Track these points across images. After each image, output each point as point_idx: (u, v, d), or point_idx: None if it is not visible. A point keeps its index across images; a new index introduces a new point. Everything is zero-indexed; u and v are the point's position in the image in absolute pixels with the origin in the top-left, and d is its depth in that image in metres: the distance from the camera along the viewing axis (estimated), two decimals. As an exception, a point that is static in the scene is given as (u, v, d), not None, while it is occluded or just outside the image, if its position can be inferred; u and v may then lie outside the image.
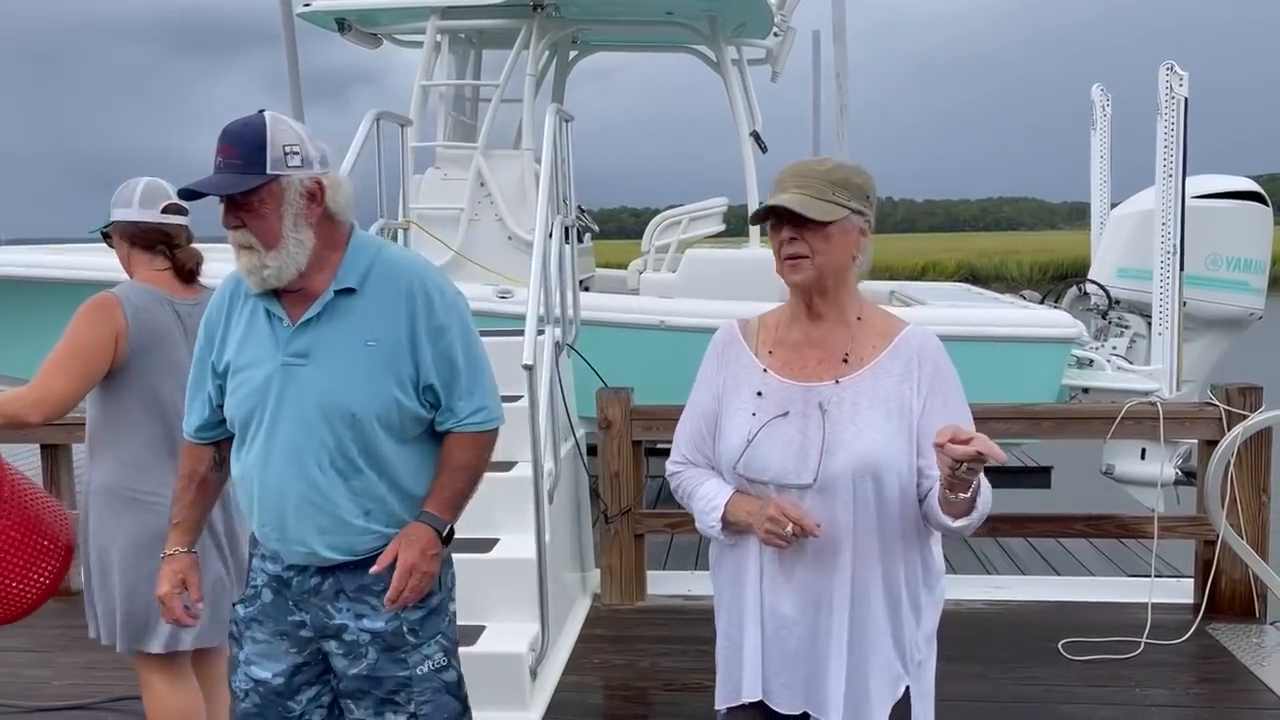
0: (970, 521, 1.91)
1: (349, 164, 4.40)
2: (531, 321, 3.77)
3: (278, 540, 2.18)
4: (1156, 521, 4.57)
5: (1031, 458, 7.66)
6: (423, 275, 2.17)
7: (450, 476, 2.24)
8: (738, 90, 6.80)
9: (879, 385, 1.97)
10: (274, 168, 2.04)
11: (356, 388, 2.10)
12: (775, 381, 2.03)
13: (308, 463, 2.11)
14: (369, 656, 2.20)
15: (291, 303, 2.14)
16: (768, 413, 2.01)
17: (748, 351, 2.09)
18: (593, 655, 4.25)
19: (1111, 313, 6.78)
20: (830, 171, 1.98)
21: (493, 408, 2.25)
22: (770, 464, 1.98)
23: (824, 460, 1.94)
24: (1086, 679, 3.94)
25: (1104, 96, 7.47)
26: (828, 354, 2.01)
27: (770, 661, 2.06)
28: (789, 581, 2.02)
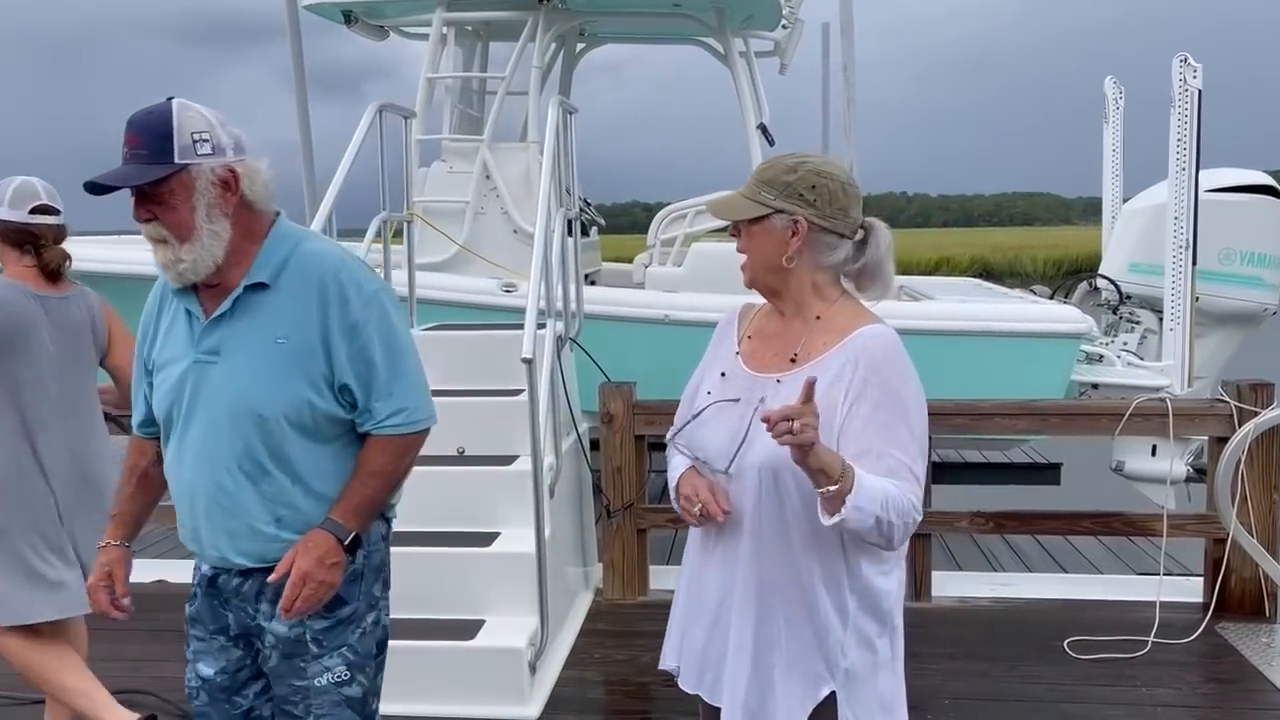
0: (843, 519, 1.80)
1: (350, 156, 4.37)
2: (531, 315, 3.75)
3: (193, 542, 2.15)
4: (1165, 519, 4.51)
5: (1041, 454, 7.61)
6: (337, 269, 2.06)
7: (362, 481, 2.11)
8: (745, 83, 6.76)
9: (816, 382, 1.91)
10: (182, 156, 1.96)
11: (263, 387, 2.02)
12: (739, 368, 2.06)
13: (216, 465, 2.05)
14: (272, 660, 2.15)
15: (208, 298, 2.08)
16: (720, 395, 2.04)
17: (734, 334, 2.14)
18: (594, 650, 4.23)
19: (1122, 308, 6.72)
20: (764, 170, 2.00)
21: (415, 409, 2.12)
22: (702, 444, 2.03)
23: (741, 450, 1.96)
24: (1092, 678, 3.89)
25: (1117, 90, 7.39)
26: (783, 349, 2.02)
27: (689, 637, 2.11)
28: (711, 568, 2.06)
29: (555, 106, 4.48)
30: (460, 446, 4.45)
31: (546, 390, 4.05)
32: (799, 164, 1.97)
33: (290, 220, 2.17)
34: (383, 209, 4.86)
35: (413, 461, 2.18)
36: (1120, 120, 7.41)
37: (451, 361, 4.77)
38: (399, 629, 3.84)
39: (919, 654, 4.12)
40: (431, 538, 4.14)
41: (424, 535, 4.17)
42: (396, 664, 3.69)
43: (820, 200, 1.95)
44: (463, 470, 4.30)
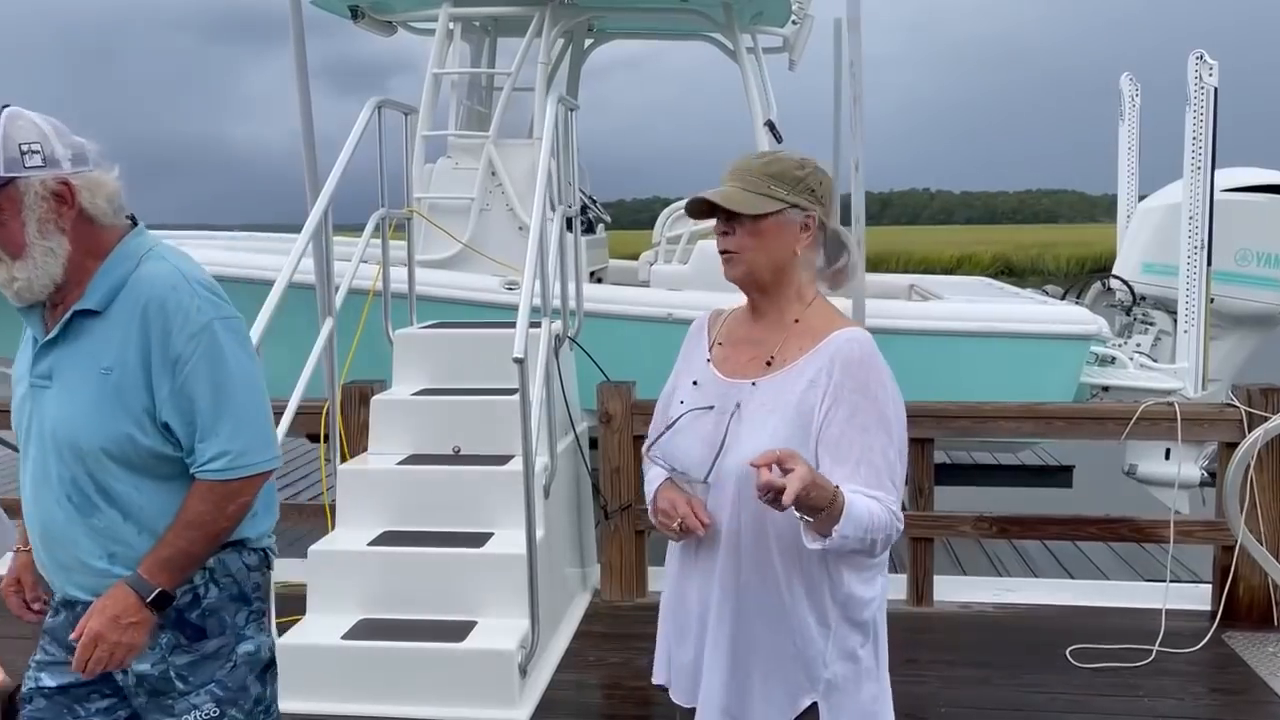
0: (832, 545, 1.78)
1: (347, 152, 4.34)
2: (524, 314, 3.70)
3: (41, 568, 2.07)
4: (1173, 525, 4.43)
5: (1053, 457, 7.51)
6: (165, 296, 1.91)
7: (176, 532, 1.94)
8: (753, 79, 6.69)
9: (788, 389, 1.91)
10: (8, 169, 1.86)
11: (85, 418, 1.90)
12: (711, 375, 2.03)
13: (47, 494, 1.96)
14: (139, 699, 2.04)
15: (51, 318, 1.98)
16: (695, 404, 2.00)
17: (704, 342, 2.10)
18: (589, 652, 4.19)
19: (1136, 309, 6.62)
20: (768, 164, 1.94)
21: (242, 453, 1.94)
22: (679, 455, 1.99)
23: (719, 459, 1.92)
24: (1094, 687, 3.82)
25: (1133, 86, 7.27)
26: (758, 354, 1.99)
27: (677, 653, 2.08)
28: (690, 580, 2.02)
29: (554, 103, 4.43)
30: (456, 445, 4.42)
31: (540, 390, 4.01)
32: (804, 160, 1.96)
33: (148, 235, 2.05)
34: (381, 205, 4.83)
35: (241, 510, 1.98)
36: (1136, 117, 7.30)
37: (448, 359, 4.74)
38: (390, 629, 3.85)
39: (917, 660, 4.08)
40: (424, 537, 4.11)
41: (417, 535, 4.15)
42: (386, 665, 3.70)
43: (825, 197, 1.96)
44: (457, 469, 4.27)
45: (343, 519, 4.27)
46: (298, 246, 4.02)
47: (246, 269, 6.19)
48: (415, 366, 4.75)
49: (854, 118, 5.30)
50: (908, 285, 7.96)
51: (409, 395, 4.61)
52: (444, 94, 6.83)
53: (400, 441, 4.48)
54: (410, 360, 4.76)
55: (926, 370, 5.77)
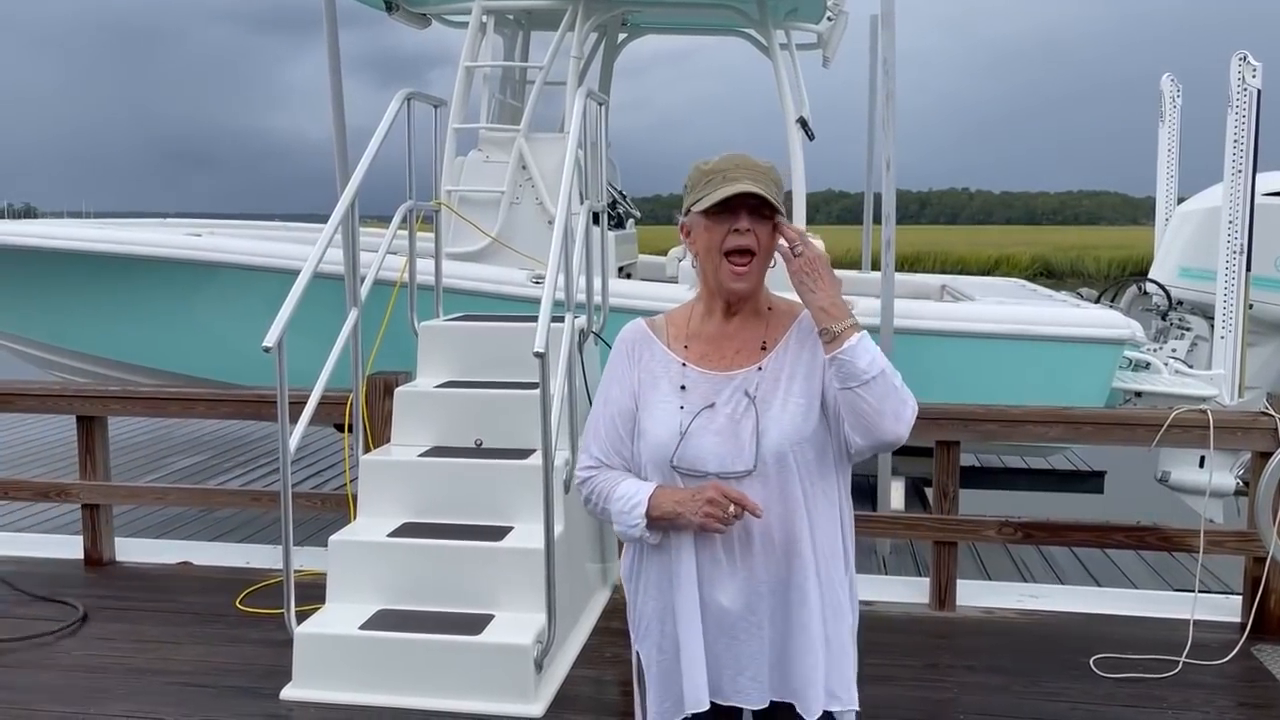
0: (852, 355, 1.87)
1: (376, 143, 4.34)
2: (546, 307, 3.69)
3: None
4: (1203, 535, 4.34)
5: (1085, 462, 7.40)
6: None
7: None
8: (786, 76, 6.64)
9: (794, 358, 2.01)
10: None
11: None
12: (697, 374, 2.03)
13: None
14: None
15: None
16: (695, 405, 2.00)
17: (661, 347, 2.08)
18: (606, 649, 4.18)
19: (1172, 314, 6.51)
20: (770, 170, 2.01)
21: None
22: (706, 454, 1.97)
23: (760, 443, 1.95)
24: (1116, 698, 3.75)
25: (1174, 87, 7.15)
26: (745, 344, 2.04)
27: (727, 661, 2.02)
28: (734, 574, 1.99)
29: (582, 96, 4.42)
30: (478, 438, 4.43)
31: (562, 384, 4.00)
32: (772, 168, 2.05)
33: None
34: (409, 197, 4.84)
35: None
36: (1177, 119, 7.17)
37: (472, 352, 4.74)
38: (408, 620, 3.86)
39: (938, 665, 4.04)
40: (444, 530, 4.12)
41: (437, 527, 4.16)
42: (402, 656, 3.71)
43: None
44: (479, 463, 4.28)
45: (364, 509, 4.29)
46: (324, 236, 4.04)
47: (276, 258, 6.24)
48: (440, 359, 4.76)
49: (886, 115, 5.24)
50: (939, 286, 7.88)
51: (432, 387, 4.62)
52: (476, 87, 6.83)
53: (423, 433, 4.49)
54: (435, 352, 4.77)
55: (955, 372, 5.71)
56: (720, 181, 1.95)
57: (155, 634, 4.28)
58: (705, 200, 1.96)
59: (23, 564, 5.10)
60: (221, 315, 6.48)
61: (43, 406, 5.28)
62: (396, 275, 5.16)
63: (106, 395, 5.18)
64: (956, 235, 67.73)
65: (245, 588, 4.74)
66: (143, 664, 4.00)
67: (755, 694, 2.02)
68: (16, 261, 6.71)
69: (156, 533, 6.03)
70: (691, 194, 2.01)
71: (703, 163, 2.01)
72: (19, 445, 8.25)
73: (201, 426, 8.88)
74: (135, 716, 3.57)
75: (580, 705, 3.72)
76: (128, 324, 6.63)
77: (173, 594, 4.76)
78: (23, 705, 3.64)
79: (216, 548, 5.52)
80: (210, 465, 7.73)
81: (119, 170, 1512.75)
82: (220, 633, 4.29)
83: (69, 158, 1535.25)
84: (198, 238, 6.59)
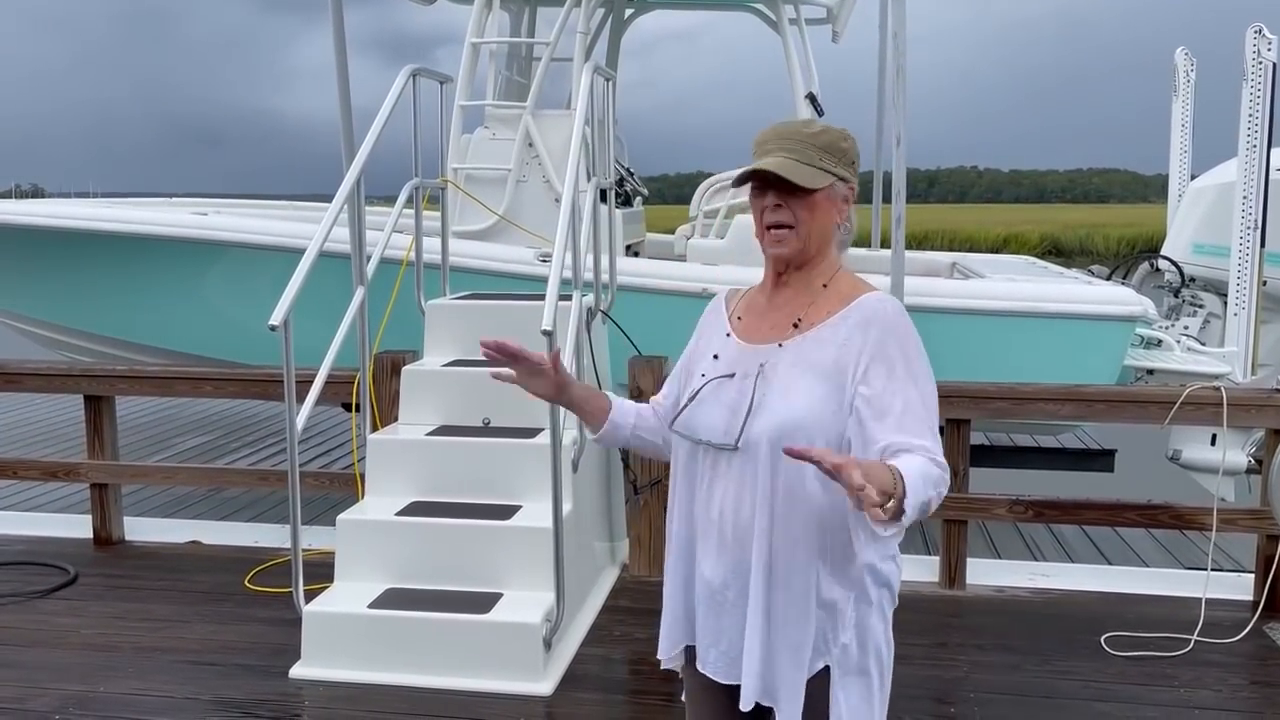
0: (901, 526, 1.73)
1: (381, 120, 4.31)
2: (553, 285, 3.67)
3: None
4: (1215, 513, 4.32)
5: (1095, 440, 7.36)
6: None
7: None
8: (795, 50, 6.57)
9: (820, 348, 1.90)
10: None
11: None
12: (735, 344, 2.00)
13: None
14: None
15: None
16: (715, 373, 1.98)
17: (724, 316, 2.07)
18: (614, 627, 4.17)
19: (1185, 291, 6.45)
20: (817, 135, 1.91)
21: None
22: (701, 423, 1.96)
23: (748, 422, 1.89)
24: (1128, 676, 3.74)
25: (1188, 61, 7.06)
26: (783, 319, 1.97)
27: (707, 629, 2.02)
28: (720, 550, 1.97)
29: (589, 72, 4.37)
30: (486, 417, 4.41)
31: (570, 362, 3.97)
32: (845, 132, 1.96)
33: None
34: (415, 175, 4.81)
35: None
36: (1191, 93, 7.09)
37: (479, 331, 4.71)
38: (416, 598, 3.86)
39: (948, 644, 4.02)
40: (452, 508, 4.11)
41: (445, 506, 4.15)
42: (411, 634, 3.71)
43: (855, 170, 1.98)
44: (487, 441, 4.26)
45: (372, 488, 4.28)
46: (329, 214, 4.01)
47: (283, 238, 6.22)
48: (447, 337, 4.74)
49: (895, 91, 5.18)
50: (950, 263, 7.83)
51: (439, 366, 4.60)
52: (482, 64, 6.78)
53: (430, 412, 4.48)
54: (442, 331, 4.75)
55: (966, 350, 5.67)
56: (757, 154, 1.92)
57: (164, 612, 4.29)
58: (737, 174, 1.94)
59: (32, 543, 5.11)
60: (229, 295, 6.47)
61: (50, 386, 5.28)
62: (403, 254, 5.13)
63: (114, 375, 5.17)
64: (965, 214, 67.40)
65: (254, 567, 4.74)
66: (151, 642, 4.00)
67: (723, 670, 2.00)
68: (24, 241, 6.70)
69: (166, 512, 6.04)
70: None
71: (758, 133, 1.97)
72: (28, 425, 8.27)
73: (210, 406, 8.89)
74: (144, 694, 3.58)
75: (589, 683, 3.72)
76: (135, 303, 6.62)
77: (182, 573, 4.77)
78: (32, 682, 3.65)
79: (225, 527, 5.53)
80: (219, 445, 7.74)
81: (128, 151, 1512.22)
82: (229, 611, 4.29)
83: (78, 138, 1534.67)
84: (204, 217, 6.57)
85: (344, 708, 3.52)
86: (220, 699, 3.55)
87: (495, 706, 3.52)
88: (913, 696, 3.58)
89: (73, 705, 3.49)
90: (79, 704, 3.50)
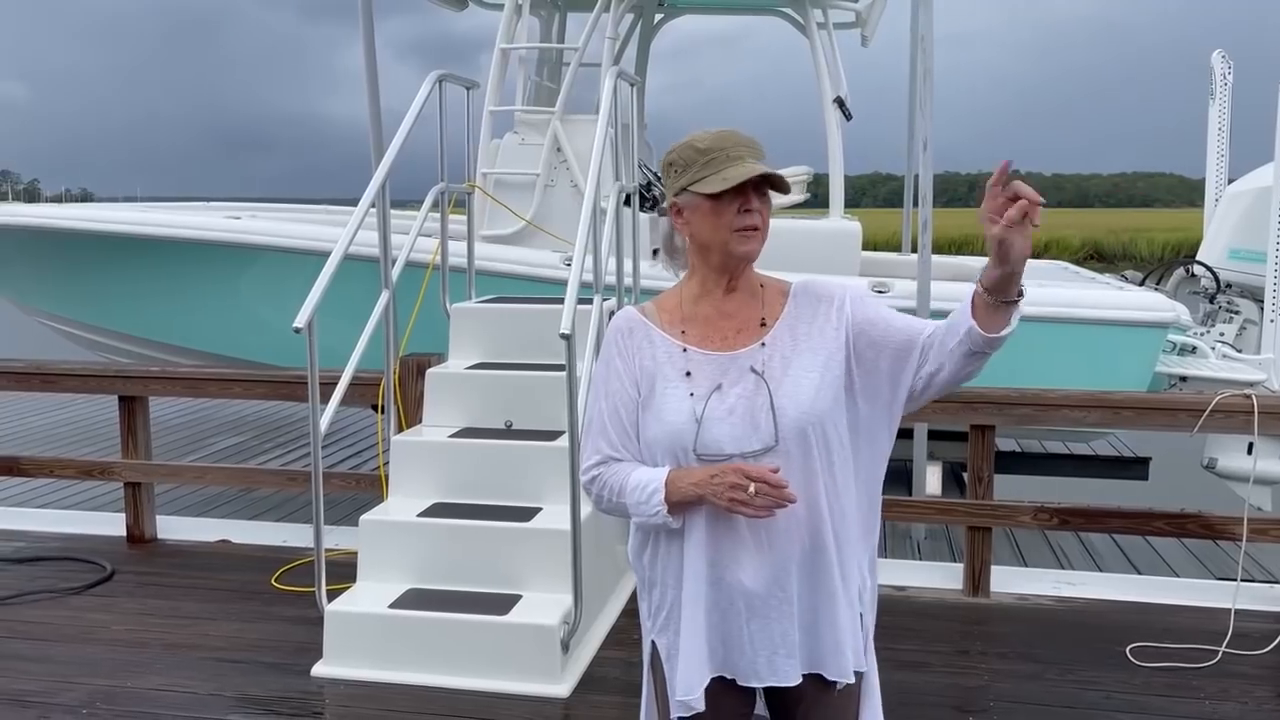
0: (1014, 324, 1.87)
1: (407, 126, 4.35)
2: (572, 289, 3.68)
3: None
4: (1246, 522, 4.25)
5: (1129, 448, 7.26)
6: None
7: None
8: (822, 55, 6.55)
9: (795, 333, 1.98)
10: None
11: None
12: (700, 356, 1.98)
13: None
14: None
15: None
16: (703, 389, 1.95)
17: (659, 333, 2.01)
18: (634, 630, 4.16)
19: (1220, 297, 6.35)
20: (758, 145, 1.97)
21: None
22: (723, 437, 1.92)
23: (778, 420, 1.91)
24: (1152, 687, 3.68)
25: (1225, 64, 6.96)
26: (744, 323, 2.00)
27: (761, 642, 1.95)
28: (759, 551, 1.93)
29: (612, 77, 4.40)
30: (508, 419, 4.44)
31: (590, 366, 3.99)
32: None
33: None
34: (441, 179, 4.85)
35: None
36: (1229, 96, 6.98)
37: (503, 334, 4.76)
38: (436, 599, 3.89)
39: (969, 652, 3.99)
40: (474, 510, 4.14)
41: (467, 507, 4.18)
42: (430, 634, 3.74)
43: None
44: (509, 444, 4.29)
45: (395, 489, 4.32)
46: (354, 218, 4.06)
47: (315, 241, 6.29)
48: (471, 340, 4.78)
49: (923, 93, 5.16)
50: (981, 269, 7.75)
51: (463, 369, 4.64)
52: (512, 69, 6.83)
53: (454, 414, 4.52)
54: (466, 334, 4.79)
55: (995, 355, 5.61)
56: (724, 161, 1.89)
57: (192, 610, 4.36)
58: (713, 182, 1.90)
59: (67, 540, 5.22)
60: (262, 298, 6.56)
61: (85, 387, 5.38)
62: (430, 258, 5.18)
63: (147, 376, 5.27)
64: (1006, 218, 66.33)
65: (281, 566, 4.80)
66: (179, 639, 4.07)
67: (791, 671, 1.98)
68: (63, 245, 6.83)
69: (198, 512, 6.13)
70: (687, 174, 1.93)
71: (696, 140, 1.94)
72: (69, 425, 8.43)
73: (244, 408, 9.01)
74: (169, 690, 3.64)
75: (607, 686, 3.73)
76: (171, 306, 6.73)
77: (211, 571, 4.84)
78: (61, 677, 3.73)
79: (254, 526, 5.61)
80: (251, 446, 7.85)
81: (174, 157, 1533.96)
82: (255, 610, 4.35)
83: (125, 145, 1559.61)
84: (238, 221, 6.67)
85: (363, 706, 3.55)
86: (243, 696, 3.60)
87: (512, 708, 3.54)
88: (932, 705, 3.55)
89: (99, 700, 3.56)
90: (106, 699, 3.57)
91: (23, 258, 7.11)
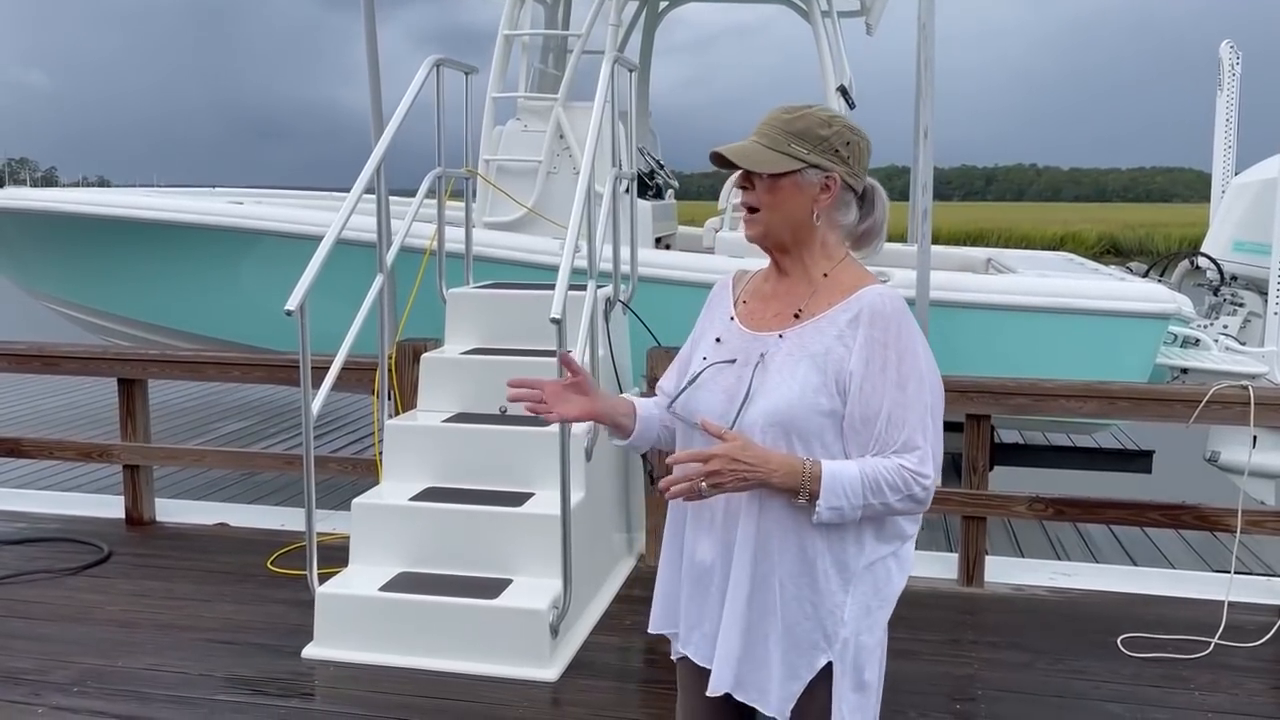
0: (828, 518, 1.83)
1: (402, 111, 4.35)
2: (564, 274, 3.68)
3: None
4: (1240, 514, 4.22)
5: (1132, 440, 7.22)
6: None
7: None
8: (826, 43, 6.52)
9: (818, 338, 1.90)
10: None
11: None
12: (736, 329, 2.00)
13: None
14: None
15: None
16: (717, 358, 1.99)
17: (728, 300, 2.07)
18: (626, 616, 4.18)
19: (1225, 289, 6.30)
20: (792, 121, 1.89)
21: None
22: (700, 407, 1.95)
23: (744, 409, 1.90)
24: (1142, 678, 3.67)
25: (1234, 54, 6.89)
26: (785, 308, 1.96)
27: (690, 611, 2.03)
28: (710, 529, 1.98)
29: (609, 63, 4.39)
30: (502, 405, 4.42)
31: (583, 352, 3.99)
32: (831, 118, 1.92)
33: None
34: (438, 164, 4.85)
35: None
36: (1236, 87, 6.92)
37: (499, 320, 4.76)
38: (427, 582, 3.90)
39: (960, 641, 3.98)
40: (466, 495, 4.15)
41: (459, 492, 4.19)
42: (420, 617, 3.75)
43: (852, 158, 1.92)
44: (503, 429, 4.30)
45: (389, 473, 4.33)
46: (348, 202, 4.06)
47: (315, 226, 6.31)
48: (467, 326, 4.78)
49: (922, 83, 5.14)
50: (985, 259, 7.73)
51: (458, 354, 4.65)
52: (515, 56, 6.82)
53: (449, 399, 4.53)
54: (462, 320, 4.80)
55: (994, 346, 5.60)
56: None
57: (187, 591, 4.38)
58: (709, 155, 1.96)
59: (66, 522, 5.25)
60: (262, 282, 6.58)
61: (85, 369, 5.41)
62: (428, 244, 5.18)
63: (146, 358, 5.29)
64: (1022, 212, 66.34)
65: (278, 549, 4.83)
66: (172, 620, 4.10)
67: (702, 652, 2.00)
68: (65, 228, 6.87)
69: (198, 495, 6.16)
70: None
71: None
72: (70, 410, 8.48)
73: (248, 394, 9.05)
74: (159, 669, 3.66)
75: (597, 670, 3.74)
76: (172, 290, 6.76)
77: (208, 553, 4.87)
78: (55, 655, 3.76)
79: (253, 510, 5.63)
80: (255, 431, 7.88)
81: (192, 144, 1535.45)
82: (250, 592, 4.37)
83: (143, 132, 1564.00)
84: (239, 206, 6.68)
85: (352, 687, 3.57)
86: (233, 676, 3.62)
87: (500, 690, 3.56)
88: (921, 693, 3.55)
89: (90, 679, 3.58)
90: (96, 677, 3.59)
91: (25, 240, 7.16)
